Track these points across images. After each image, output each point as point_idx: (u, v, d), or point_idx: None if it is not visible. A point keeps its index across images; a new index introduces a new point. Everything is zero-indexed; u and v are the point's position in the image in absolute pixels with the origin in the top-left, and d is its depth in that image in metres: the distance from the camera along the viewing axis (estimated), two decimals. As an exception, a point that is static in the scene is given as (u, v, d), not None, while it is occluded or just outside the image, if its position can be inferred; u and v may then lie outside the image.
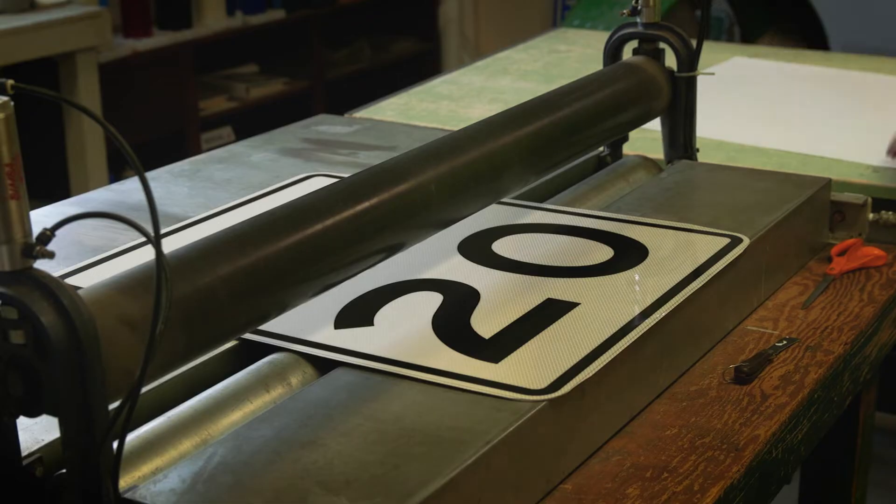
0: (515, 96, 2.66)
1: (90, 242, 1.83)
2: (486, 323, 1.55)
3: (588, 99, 1.96)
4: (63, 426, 1.11)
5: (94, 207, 2.03)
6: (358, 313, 1.59)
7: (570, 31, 3.81)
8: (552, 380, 1.42)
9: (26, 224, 1.08)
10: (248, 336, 1.48)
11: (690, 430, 1.49)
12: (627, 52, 2.18)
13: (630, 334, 1.54)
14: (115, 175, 4.26)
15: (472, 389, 1.39)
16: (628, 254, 1.76)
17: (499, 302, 1.62)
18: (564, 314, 1.59)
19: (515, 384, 1.41)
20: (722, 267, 1.72)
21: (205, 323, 1.27)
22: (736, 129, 2.58)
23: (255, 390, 1.42)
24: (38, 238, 1.08)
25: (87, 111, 1.10)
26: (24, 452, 1.20)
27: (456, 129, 1.90)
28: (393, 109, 2.76)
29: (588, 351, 1.49)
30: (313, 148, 2.34)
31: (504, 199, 1.89)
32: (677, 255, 1.75)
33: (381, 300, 1.63)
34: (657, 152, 2.21)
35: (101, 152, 4.16)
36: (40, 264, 1.09)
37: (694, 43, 2.12)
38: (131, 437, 1.28)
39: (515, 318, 1.57)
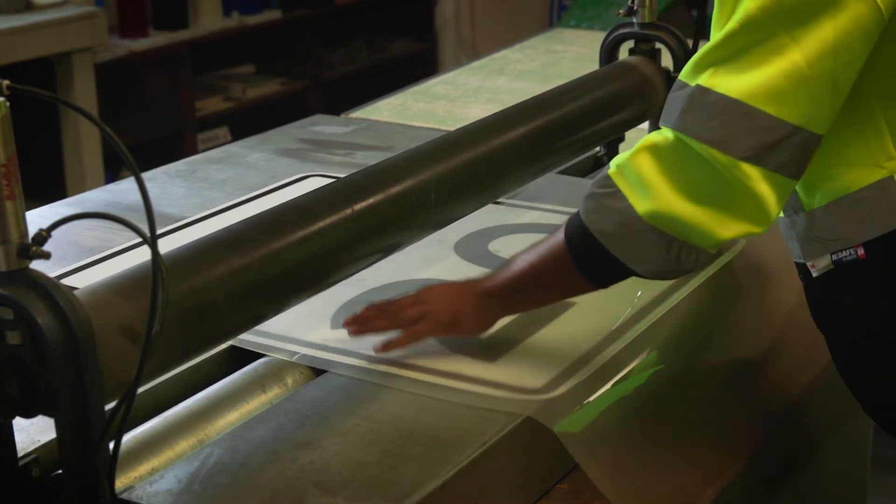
0: (512, 96, 2.65)
1: (86, 243, 1.83)
2: (482, 323, 1.55)
3: (584, 99, 1.96)
4: (59, 427, 1.11)
5: (90, 208, 2.03)
6: (355, 314, 1.59)
7: (567, 32, 3.81)
8: (549, 379, 1.42)
9: (22, 224, 1.07)
10: (244, 336, 1.48)
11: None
12: (624, 53, 2.18)
13: (627, 333, 1.54)
14: (112, 175, 4.25)
15: (469, 389, 1.39)
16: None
17: (495, 302, 1.61)
18: (561, 314, 1.59)
19: (512, 384, 1.41)
20: (718, 267, 1.72)
21: (201, 323, 1.26)
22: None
23: (251, 391, 1.42)
24: (34, 238, 1.08)
25: (84, 112, 1.10)
26: (20, 453, 1.19)
27: (452, 129, 1.90)
28: (389, 109, 2.76)
29: (584, 351, 1.49)
30: (310, 148, 2.34)
31: (500, 199, 1.89)
32: (674, 254, 1.75)
33: (378, 300, 1.62)
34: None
35: (98, 153, 4.15)
36: (36, 265, 1.09)
37: (690, 43, 2.11)
38: (128, 438, 1.28)
39: (512, 318, 1.56)
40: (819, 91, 1.25)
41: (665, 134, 1.30)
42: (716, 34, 1.30)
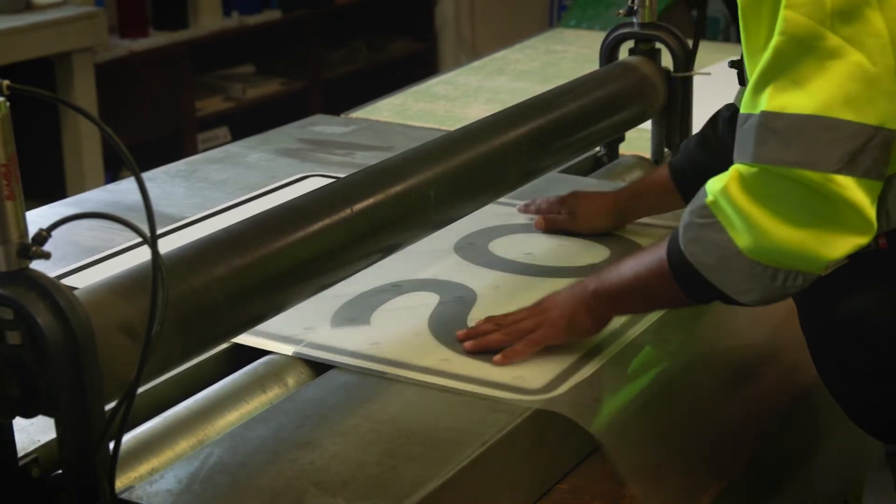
0: (512, 96, 2.66)
1: (86, 243, 1.83)
2: (482, 323, 1.55)
3: (584, 99, 1.96)
4: (59, 427, 1.11)
5: (90, 208, 2.03)
6: (354, 313, 1.59)
7: (567, 32, 3.81)
8: (548, 380, 1.42)
9: (22, 224, 1.07)
10: (244, 336, 1.48)
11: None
12: (624, 53, 2.18)
13: (627, 334, 1.54)
14: (112, 175, 4.25)
15: (469, 390, 1.39)
16: (624, 253, 1.75)
17: (495, 302, 1.62)
18: (561, 314, 1.58)
19: (512, 384, 1.41)
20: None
21: (201, 323, 1.26)
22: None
23: (251, 390, 1.42)
24: (34, 238, 1.08)
25: (84, 112, 1.10)
26: (20, 453, 1.19)
27: (452, 129, 1.90)
28: (389, 109, 2.76)
29: (585, 350, 1.49)
30: (310, 148, 2.34)
31: (501, 199, 1.89)
32: (674, 254, 1.75)
33: (378, 300, 1.63)
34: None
35: (98, 153, 4.15)
36: (36, 265, 1.09)
37: (690, 43, 2.12)
38: (128, 438, 1.28)
39: (512, 319, 1.56)
40: (888, 86, 1.23)
41: (748, 167, 1.27)
42: (755, 55, 1.28)
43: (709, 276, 1.31)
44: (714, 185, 1.30)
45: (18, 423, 1.16)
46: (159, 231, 1.52)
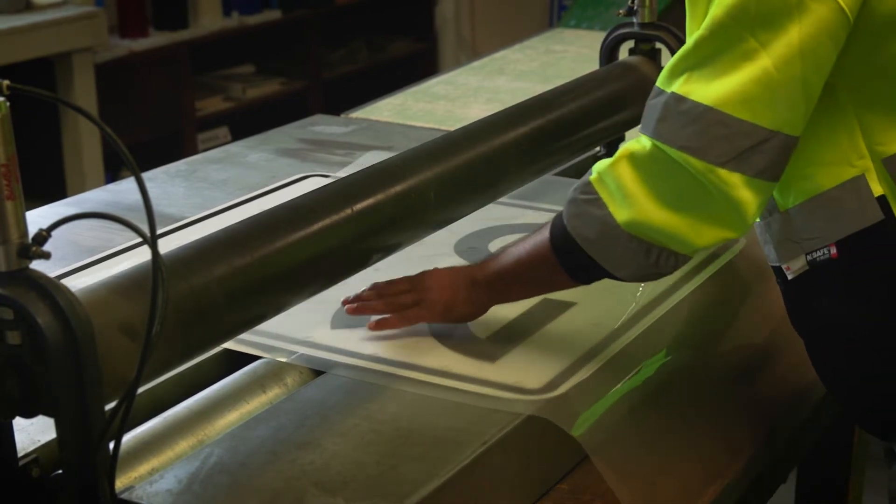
0: (512, 96, 2.65)
1: (86, 243, 1.83)
2: (482, 323, 1.55)
3: (584, 99, 1.96)
4: (59, 427, 1.11)
5: (90, 208, 2.03)
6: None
7: (567, 32, 3.81)
8: (549, 379, 1.42)
9: (22, 224, 1.07)
10: (244, 336, 1.48)
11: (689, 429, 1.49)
12: (624, 53, 2.18)
13: (627, 333, 1.54)
14: (112, 175, 4.25)
15: (469, 389, 1.39)
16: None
17: (495, 302, 1.61)
18: (561, 314, 1.59)
19: (512, 384, 1.41)
20: (719, 266, 1.71)
21: (201, 323, 1.26)
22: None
23: (251, 391, 1.42)
24: (34, 238, 1.08)
25: (84, 112, 1.10)
26: (20, 453, 1.19)
27: (452, 129, 1.90)
28: (389, 109, 2.76)
29: (584, 350, 1.49)
30: (310, 148, 2.33)
31: (501, 199, 1.89)
32: (674, 254, 1.75)
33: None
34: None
35: (98, 153, 4.15)
36: (36, 265, 1.09)
37: (690, 43, 2.11)
38: (128, 438, 1.28)
39: (512, 318, 1.57)
40: (790, 94, 1.26)
41: (643, 142, 1.33)
42: (689, 41, 1.32)
43: (588, 249, 1.37)
44: (601, 165, 1.37)
45: (18, 423, 1.16)
46: (159, 231, 1.52)
